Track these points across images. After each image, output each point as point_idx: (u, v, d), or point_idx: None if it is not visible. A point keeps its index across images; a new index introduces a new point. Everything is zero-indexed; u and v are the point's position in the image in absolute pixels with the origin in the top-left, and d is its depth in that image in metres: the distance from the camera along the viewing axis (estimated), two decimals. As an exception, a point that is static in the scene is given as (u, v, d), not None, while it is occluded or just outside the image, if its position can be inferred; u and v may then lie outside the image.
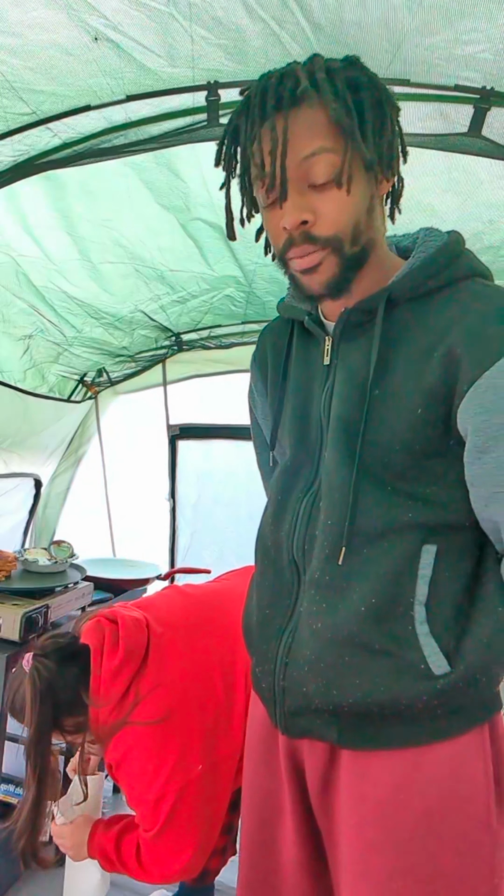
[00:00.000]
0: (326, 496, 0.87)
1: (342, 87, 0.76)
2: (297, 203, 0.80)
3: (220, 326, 2.84)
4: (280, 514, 0.95)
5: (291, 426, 0.96)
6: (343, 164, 0.77)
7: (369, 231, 0.83)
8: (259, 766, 1.00)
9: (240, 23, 1.13)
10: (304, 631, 0.87)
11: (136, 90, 1.30)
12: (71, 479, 3.15)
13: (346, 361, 0.89)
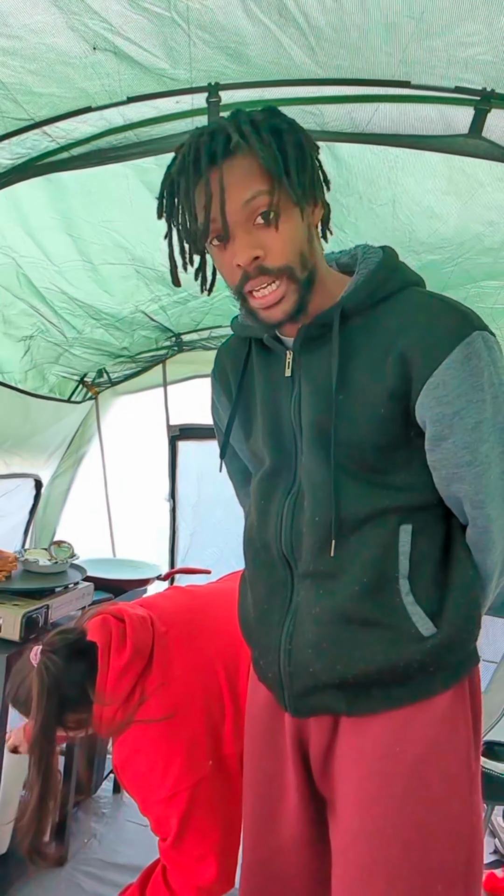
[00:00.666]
0: (310, 495, 0.97)
1: (267, 136, 0.85)
2: (247, 242, 0.88)
3: (220, 327, 2.84)
4: (265, 516, 1.04)
5: (266, 436, 1.04)
6: (270, 204, 0.86)
7: (312, 256, 0.92)
8: (262, 749, 1.08)
9: (240, 26, 1.13)
10: (304, 617, 0.96)
11: (137, 92, 1.31)
12: (71, 479, 3.15)
13: (308, 372, 0.98)
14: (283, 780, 1.03)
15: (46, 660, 1.28)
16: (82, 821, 2.26)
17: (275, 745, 1.05)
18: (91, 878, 1.97)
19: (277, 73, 1.25)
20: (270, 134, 0.86)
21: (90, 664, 1.31)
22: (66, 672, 1.28)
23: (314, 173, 0.91)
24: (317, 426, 0.95)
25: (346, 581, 0.93)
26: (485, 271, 1.99)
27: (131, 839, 2.18)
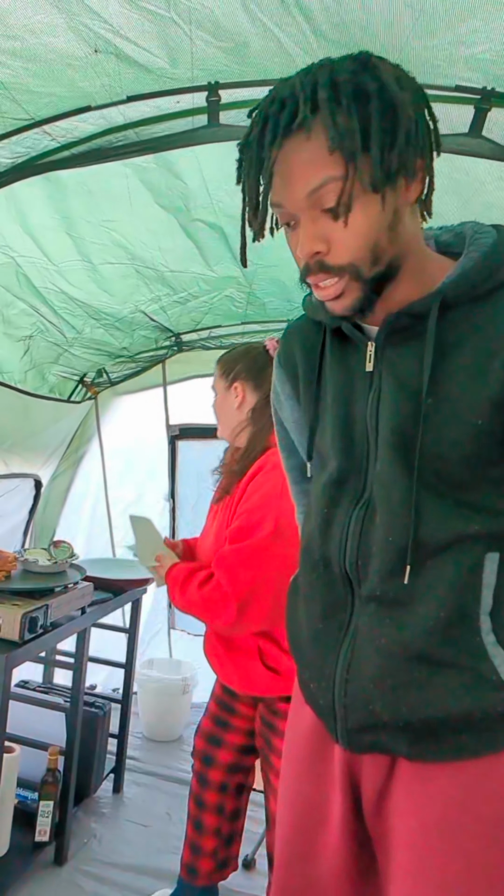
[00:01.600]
0: (384, 511, 0.83)
1: (346, 104, 0.71)
2: (310, 232, 0.77)
3: (220, 327, 2.85)
4: (327, 527, 0.91)
5: (334, 436, 0.91)
6: (342, 193, 0.73)
7: (394, 246, 0.78)
8: (305, 774, 0.97)
9: (240, 25, 1.13)
10: (365, 647, 0.84)
11: (137, 91, 1.31)
12: (71, 479, 3.15)
13: (392, 368, 0.84)
14: (326, 810, 0.93)
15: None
16: (82, 821, 2.26)
17: (320, 774, 0.94)
18: (91, 878, 1.97)
19: (277, 72, 1.25)
20: (354, 99, 0.71)
21: None
22: None
23: (410, 143, 0.74)
24: (398, 432, 0.82)
25: (419, 613, 0.80)
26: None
27: (131, 839, 2.18)
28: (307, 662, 0.94)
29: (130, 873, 2.02)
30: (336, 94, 0.71)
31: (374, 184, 0.73)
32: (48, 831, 1.98)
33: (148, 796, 2.49)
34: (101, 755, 2.38)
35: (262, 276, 2.32)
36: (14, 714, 1.76)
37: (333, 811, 0.92)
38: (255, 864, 2.12)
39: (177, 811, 2.37)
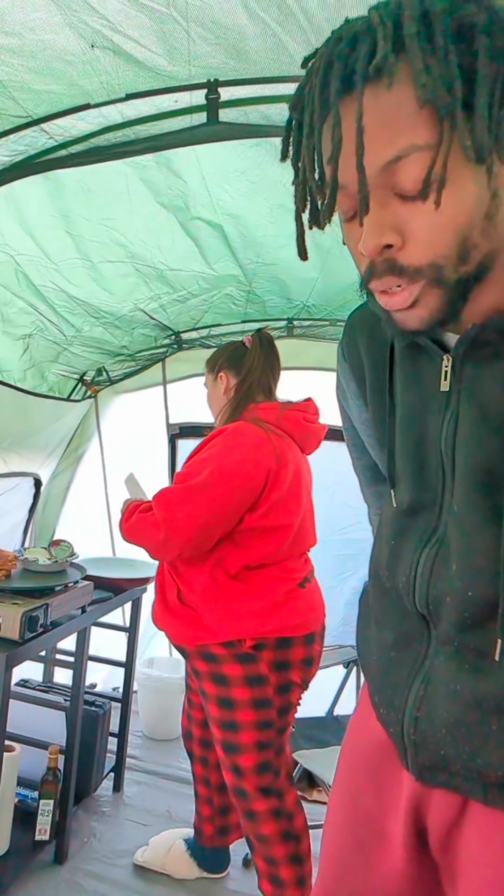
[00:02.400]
0: (461, 557, 0.72)
1: (443, 44, 0.53)
2: (379, 220, 0.59)
3: (219, 325, 2.84)
4: (395, 561, 0.81)
5: (403, 461, 0.79)
6: (433, 166, 0.55)
7: (490, 240, 0.60)
8: (367, 784, 0.89)
9: (239, 23, 1.13)
10: (439, 688, 0.75)
11: (136, 89, 1.30)
12: (71, 478, 3.15)
13: (474, 390, 0.69)
14: (385, 828, 0.86)
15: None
16: (82, 820, 2.26)
17: (383, 789, 0.86)
18: (91, 877, 1.97)
19: (277, 70, 1.24)
20: (451, 37, 0.53)
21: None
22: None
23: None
24: (481, 471, 0.69)
25: (502, 664, 0.69)
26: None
27: (131, 838, 2.18)
28: (376, 688, 0.86)
29: (130, 872, 2.02)
30: (428, 30, 0.53)
31: (480, 151, 0.55)
32: (48, 830, 1.98)
33: (148, 795, 2.49)
34: (101, 754, 2.38)
35: (262, 275, 2.32)
36: (14, 713, 1.76)
37: (394, 831, 0.85)
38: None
39: (177, 810, 2.37)
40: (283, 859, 1.69)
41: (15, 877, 1.87)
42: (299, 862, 1.70)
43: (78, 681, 2.06)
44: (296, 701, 1.75)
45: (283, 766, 1.73)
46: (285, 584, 1.69)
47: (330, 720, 2.37)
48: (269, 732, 1.66)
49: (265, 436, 1.63)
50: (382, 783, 0.86)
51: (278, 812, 1.68)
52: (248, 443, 1.61)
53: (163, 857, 2.04)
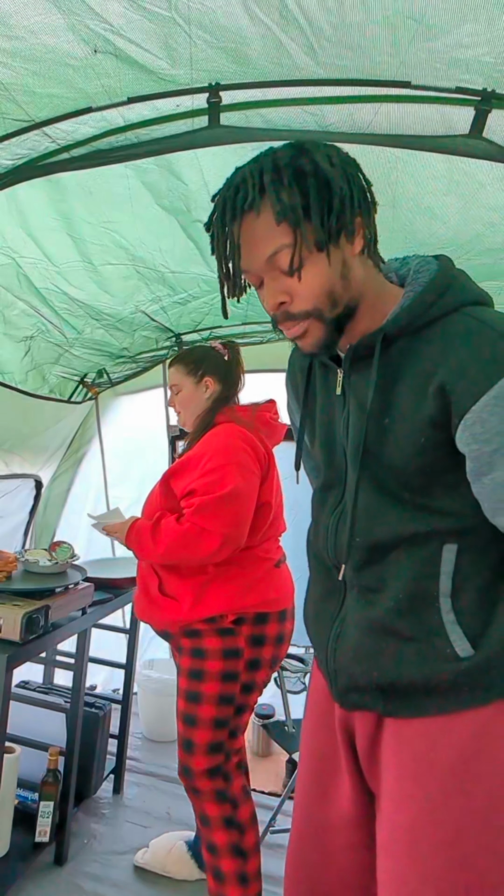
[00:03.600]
0: (349, 514, 0.99)
1: (287, 182, 0.86)
2: (272, 288, 0.92)
3: (220, 327, 2.85)
4: (317, 527, 1.10)
5: (321, 451, 1.07)
6: (293, 255, 0.88)
7: (348, 291, 0.93)
8: (318, 729, 1.13)
9: (241, 27, 1.13)
10: (348, 622, 1.01)
11: (137, 92, 1.31)
12: (71, 479, 3.15)
13: (356, 392, 0.99)
14: (336, 761, 1.08)
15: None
16: (82, 821, 2.27)
17: (328, 728, 1.10)
18: (91, 879, 1.97)
19: (278, 74, 1.25)
20: (293, 178, 0.87)
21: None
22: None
23: (346, 207, 0.89)
24: (358, 448, 0.96)
25: (385, 595, 0.96)
26: (485, 272, 1.99)
27: (131, 840, 2.19)
28: (312, 636, 1.12)
29: (130, 874, 2.03)
30: (279, 176, 0.87)
31: (319, 245, 0.88)
32: (48, 831, 1.98)
33: (148, 797, 2.49)
34: (101, 756, 2.38)
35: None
36: (14, 714, 1.76)
37: (341, 764, 1.07)
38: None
39: (177, 811, 2.37)
40: (224, 849, 1.73)
41: (15, 878, 1.87)
42: (241, 855, 1.73)
43: (78, 682, 2.06)
44: (260, 683, 1.80)
45: (234, 753, 1.78)
46: (265, 563, 1.83)
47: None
48: (227, 709, 1.73)
49: (247, 434, 1.81)
50: (328, 723, 1.09)
51: (222, 795, 1.74)
52: (248, 440, 1.79)
53: (163, 858, 2.04)
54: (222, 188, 0.93)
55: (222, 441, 1.78)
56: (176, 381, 1.98)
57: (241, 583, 1.76)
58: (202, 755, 1.72)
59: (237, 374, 1.97)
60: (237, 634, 1.74)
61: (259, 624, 1.77)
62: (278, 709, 2.75)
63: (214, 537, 1.67)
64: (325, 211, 0.87)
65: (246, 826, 1.76)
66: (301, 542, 1.17)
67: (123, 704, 2.54)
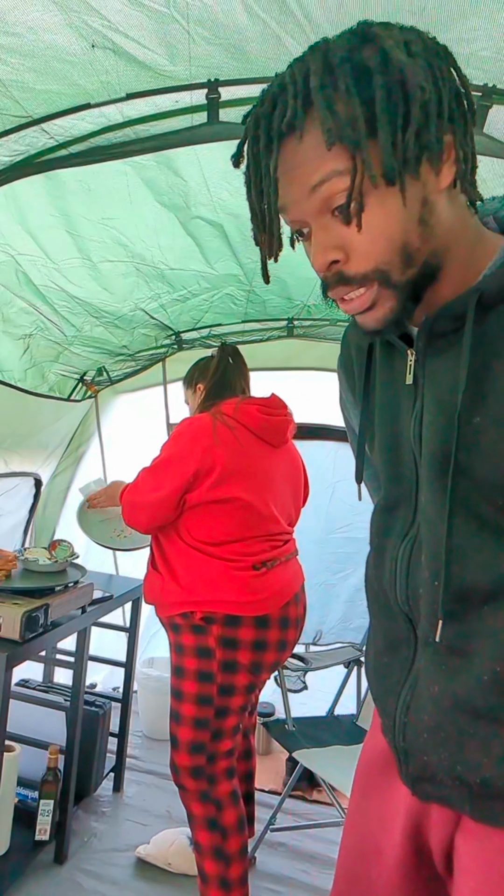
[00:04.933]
0: (428, 549, 0.74)
1: (345, 87, 0.61)
2: (322, 241, 0.67)
3: (220, 325, 2.84)
4: (380, 560, 0.83)
5: (382, 458, 0.82)
6: (351, 190, 0.63)
7: (430, 242, 0.67)
8: (370, 800, 0.91)
9: (239, 23, 1.13)
10: (422, 693, 0.76)
11: (136, 88, 1.30)
12: (71, 478, 3.15)
13: (434, 381, 0.73)
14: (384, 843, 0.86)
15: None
16: (82, 819, 2.27)
17: (386, 803, 0.86)
18: (91, 877, 1.97)
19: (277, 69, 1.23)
20: (353, 79, 0.61)
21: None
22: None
23: (430, 118, 0.62)
24: (440, 457, 0.71)
25: (474, 663, 0.70)
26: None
27: (131, 838, 2.18)
28: (375, 693, 0.87)
29: (131, 872, 2.03)
30: (332, 79, 0.62)
31: (388, 174, 0.62)
32: (48, 830, 1.98)
33: (148, 795, 2.49)
34: (101, 754, 2.38)
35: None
36: (14, 713, 1.76)
37: (389, 847, 0.85)
38: (255, 861, 2.12)
39: (177, 810, 2.36)
40: (207, 850, 1.74)
41: (15, 877, 1.87)
42: (224, 860, 1.73)
43: (78, 681, 2.06)
44: (240, 685, 1.75)
45: (221, 756, 1.77)
46: (234, 563, 1.77)
47: (330, 720, 2.37)
48: (206, 710, 1.72)
49: (210, 422, 1.79)
50: (386, 796, 0.86)
51: (206, 795, 1.75)
52: (191, 429, 1.80)
53: (165, 851, 2.06)
54: (255, 103, 0.69)
55: (177, 430, 1.85)
56: (184, 399, 2.09)
57: (195, 579, 1.75)
58: (185, 753, 1.75)
59: (222, 371, 1.95)
60: (207, 633, 1.73)
61: (230, 626, 1.73)
62: (278, 707, 2.75)
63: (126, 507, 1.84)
64: (398, 124, 0.62)
65: (230, 830, 1.75)
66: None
67: (123, 703, 2.54)
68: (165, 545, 1.85)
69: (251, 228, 0.73)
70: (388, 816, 0.85)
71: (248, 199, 0.71)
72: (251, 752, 2.16)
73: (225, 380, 1.94)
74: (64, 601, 1.91)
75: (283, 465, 1.94)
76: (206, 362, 2.02)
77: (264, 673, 1.81)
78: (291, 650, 1.90)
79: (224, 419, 1.80)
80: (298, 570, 1.95)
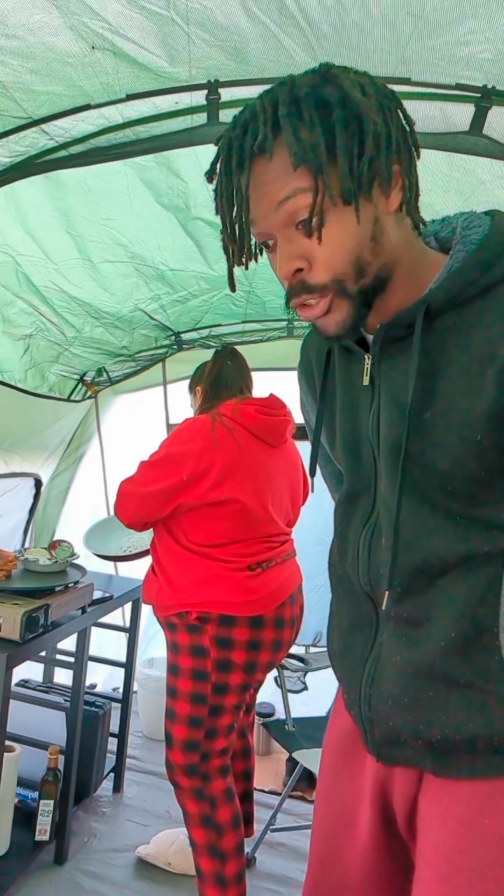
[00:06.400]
0: (386, 532, 0.82)
1: (308, 117, 0.69)
2: (287, 251, 0.74)
3: (220, 326, 2.85)
4: (343, 546, 0.91)
5: (343, 454, 0.90)
6: (313, 207, 0.70)
7: (380, 257, 0.74)
8: (341, 775, 0.96)
9: (239, 25, 1.13)
10: (385, 663, 0.84)
11: (136, 89, 1.30)
12: (71, 478, 3.15)
13: (388, 381, 0.81)
14: (355, 816, 0.92)
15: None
16: (82, 819, 2.27)
17: (354, 777, 0.93)
18: (91, 877, 1.97)
19: (277, 71, 1.24)
20: (316, 111, 0.69)
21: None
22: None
23: (381, 150, 0.70)
24: (395, 447, 0.79)
25: (431, 632, 0.78)
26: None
27: (131, 839, 2.19)
28: (340, 673, 0.94)
29: (131, 872, 2.03)
30: (297, 109, 0.69)
31: (345, 195, 0.70)
32: (48, 830, 1.98)
33: (148, 795, 2.49)
34: (101, 754, 2.38)
35: (262, 275, 2.32)
36: (14, 713, 1.76)
37: (361, 819, 0.91)
38: (255, 861, 2.12)
39: (177, 810, 2.36)
40: (201, 847, 1.75)
41: (15, 877, 1.87)
42: (219, 857, 1.74)
43: (78, 681, 2.06)
44: (234, 684, 1.75)
45: (215, 755, 1.78)
46: (229, 564, 1.77)
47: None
48: (200, 708, 1.73)
49: (208, 423, 1.80)
50: (354, 769, 0.93)
51: (200, 793, 1.76)
52: (189, 430, 1.81)
53: (166, 850, 2.06)
54: (228, 128, 0.75)
55: (176, 430, 1.86)
56: (190, 403, 2.11)
57: (191, 579, 1.76)
58: (179, 751, 1.76)
59: (217, 372, 1.96)
60: (202, 633, 1.74)
61: (225, 626, 1.73)
62: (279, 708, 2.75)
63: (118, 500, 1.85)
64: (354, 153, 0.69)
65: (224, 828, 1.75)
66: (327, 552, 0.98)
67: (123, 703, 2.54)
68: (161, 548, 1.85)
69: (221, 239, 0.80)
70: (357, 789, 0.92)
71: (220, 212, 0.78)
72: (249, 750, 2.16)
73: (221, 381, 1.94)
74: (64, 601, 1.91)
75: (282, 465, 1.94)
76: (205, 365, 2.04)
77: (259, 673, 1.82)
78: (287, 650, 1.90)
79: (222, 420, 1.80)
80: (295, 570, 1.95)
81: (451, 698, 0.78)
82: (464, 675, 0.77)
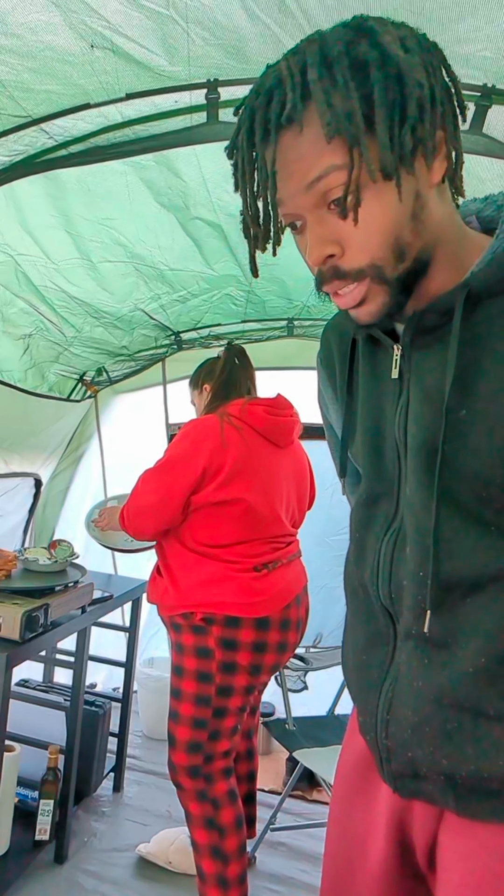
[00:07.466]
0: (414, 540, 0.74)
1: (343, 81, 0.60)
2: (318, 234, 0.66)
3: (219, 325, 2.85)
4: (360, 554, 0.83)
5: (364, 452, 0.82)
6: (348, 185, 0.62)
7: (421, 237, 0.66)
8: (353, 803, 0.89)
9: (239, 24, 1.13)
10: (404, 688, 0.75)
11: (135, 88, 1.30)
12: (71, 478, 3.15)
13: (420, 375, 0.73)
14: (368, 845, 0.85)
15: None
16: (82, 819, 2.27)
17: (368, 804, 0.85)
18: (91, 877, 1.97)
19: (277, 70, 1.24)
20: (351, 74, 0.60)
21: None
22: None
23: (425, 114, 0.62)
24: (427, 449, 0.71)
25: (458, 655, 0.70)
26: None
27: (131, 838, 2.18)
28: (354, 692, 0.86)
29: (131, 872, 2.03)
30: (329, 72, 0.61)
31: (386, 169, 0.62)
32: (48, 830, 1.98)
33: (148, 795, 2.49)
34: (101, 754, 2.38)
35: (262, 275, 2.32)
36: (14, 713, 1.76)
37: (374, 849, 0.84)
38: (255, 861, 2.12)
39: (177, 809, 2.36)
40: (204, 849, 1.75)
41: (15, 877, 1.87)
42: (222, 859, 1.73)
43: (78, 681, 2.06)
44: (239, 686, 1.75)
45: (218, 756, 1.77)
46: (234, 565, 1.77)
47: (330, 719, 2.37)
48: (205, 710, 1.73)
49: (217, 423, 1.78)
50: (369, 797, 0.86)
51: (203, 794, 1.76)
52: (197, 430, 1.79)
53: (166, 849, 2.06)
54: (249, 95, 0.67)
55: (180, 432, 1.84)
56: (190, 400, 2.09)
57: (197, 580, 1.75)
58: (182, 752, 1.75)
59: (228, 371, 1.94)
60: (207, 634, 1.73)
61: (230, 627, 1.72)
62: (279, 707, 2.75)
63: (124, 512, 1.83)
64: (395, 119, 0.61)
65: (227, 829, 1.75)
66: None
67: (123, 703, 2.54)
68: (167, 549, 1.85)
69: (240, 222, 0.72)
70: (371, 818, 0.84)
71: (241, 192, 0.70)
72: (253, 752, 2.16)
73: (231, 380, 1.93)
74: (64, 601, 1.91)
75: (289, 466, 1.94)
76: (212, 363, 2.01)
77: (263, 675, 1.81)
78: (292, 652, 1.89)
79: (231, 420, 1.80)
80: (301, 571, 1.94)
81: (478, 731, 0.69)
82: (494, 706, 0.69)
